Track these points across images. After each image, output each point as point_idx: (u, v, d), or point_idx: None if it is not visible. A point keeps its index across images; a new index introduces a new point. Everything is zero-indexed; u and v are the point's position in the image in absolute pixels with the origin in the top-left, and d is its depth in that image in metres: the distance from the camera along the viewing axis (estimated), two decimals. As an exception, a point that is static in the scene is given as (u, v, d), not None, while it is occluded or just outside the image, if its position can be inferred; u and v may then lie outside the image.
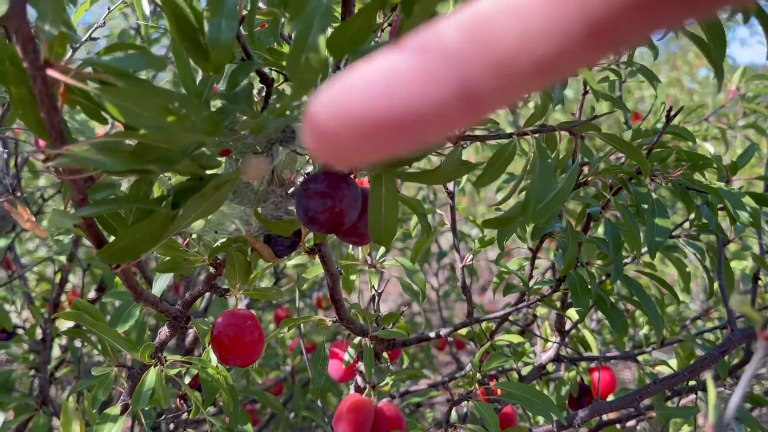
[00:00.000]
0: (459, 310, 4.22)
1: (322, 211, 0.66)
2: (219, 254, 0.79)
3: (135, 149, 0.57)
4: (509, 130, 0.68)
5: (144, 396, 0.87)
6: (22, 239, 2.06)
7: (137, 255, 0.66)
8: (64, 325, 1.75)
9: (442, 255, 2.12)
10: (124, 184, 0.73)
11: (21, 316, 1.96)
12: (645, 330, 1.30)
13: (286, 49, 0.88)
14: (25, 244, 2.19)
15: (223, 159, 0.74)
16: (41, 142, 1.56)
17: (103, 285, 1.72)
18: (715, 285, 1.11)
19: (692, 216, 0.91)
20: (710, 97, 3.63)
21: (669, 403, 1.24)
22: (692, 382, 1.14)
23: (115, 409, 0.93)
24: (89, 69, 0.53)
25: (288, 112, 0.59)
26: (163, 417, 1.28)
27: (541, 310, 1.38)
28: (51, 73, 0.52)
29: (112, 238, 0.68)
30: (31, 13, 0.53)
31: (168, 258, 0.76)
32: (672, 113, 0.84)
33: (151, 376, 0.89)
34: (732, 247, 1.82)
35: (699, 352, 1.20)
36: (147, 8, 1.09)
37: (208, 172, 0.66)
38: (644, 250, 0.98)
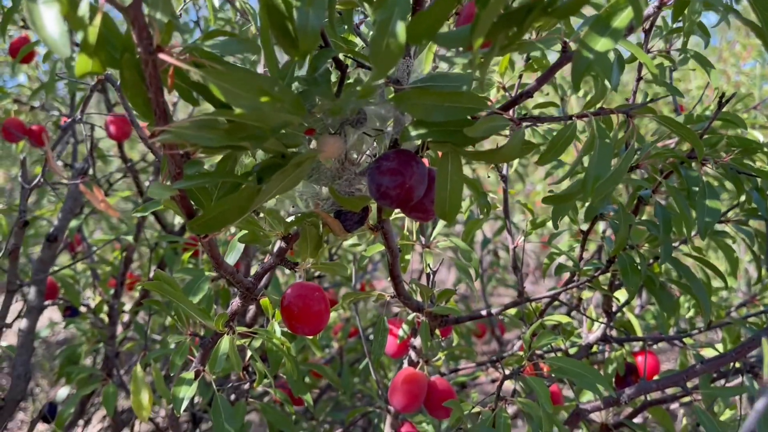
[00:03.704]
0: (497, 297, 4.25)
1: (393, 187, 0.71)
2: (292, 228, 0.85)
3: (229, 127, 0.63)
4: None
5: (219, 361, 0.94)
6: (88, 222, 2.17)
7: (224, 225, 0.72)
8: (129, 304, 1.84)
9: (486, 242, 2.15)
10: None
11: (84, 294, 2.07)
12: (691, 314, 1.33)
13: (350, 37, 0.93)
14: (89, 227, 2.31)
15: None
16: (111, 130, 1.66)
17: (163, 264, 1.80)
18: (764, 270, 1.13)
19: (743, 198, 0.94)
20: (756, 89, 3.57)
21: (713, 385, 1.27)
22: (738, 365, 1.16)
23: (189, 374, 1.01)
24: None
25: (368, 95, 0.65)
26: (222, 387, 1.35)
27: (586, 294, 1.42)
28: (162, 56, 0.58)
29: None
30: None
31: (246, 231, 0.83)
32: (724, 99, 0.87)
33: (224, 343, 0.96)
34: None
35: (744, 337, 1.22)
36: (216, 1, 1.16)
37: (290, 150, 0.73)
38: (694, 232, 1.01)
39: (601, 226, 1.30)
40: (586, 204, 0.98)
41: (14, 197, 4.55)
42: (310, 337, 1.00)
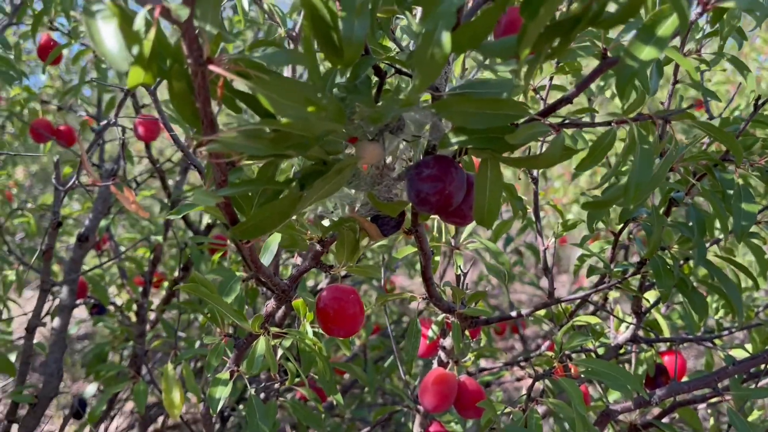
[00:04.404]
0: (521, 294, 4.25)
1: (433, 193, 0.72)
2: (329, 233, 0.86)
3: (275, 136, 0.64)
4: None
5: (257, 362, 0.95)
6: (115, 222, 2.20)
7: (267, 231, 0.74)
8: (155, 300, 1.86)
9: (509, 240, 2.16)
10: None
11: (110, 291, 2.10)
12: (720, 314, 1.32)
13: (385, 42, 0.94)
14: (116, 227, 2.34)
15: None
16: (140, 131, 1.68)
17: (189, 264, 1.83)
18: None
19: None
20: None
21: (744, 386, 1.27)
22: (769, 366, 1.16)
23: (225, 375, 1.02)
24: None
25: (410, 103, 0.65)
26: (254, 386, 1.37)
27: (612, 294, 1.42)
28: (212, 67, 0.59)
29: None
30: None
31: (287, 236, 0.84)
32: (760, 102, 0.87)
33: (261, 345, 0.98)
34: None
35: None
36: (246, 3, 1.17)
37: (331, 157, 0.74)
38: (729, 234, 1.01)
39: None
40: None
41: (33, 193, 4.60)
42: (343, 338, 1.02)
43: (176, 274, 1.86)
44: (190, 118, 0.66)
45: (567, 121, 0.72)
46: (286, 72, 1.37)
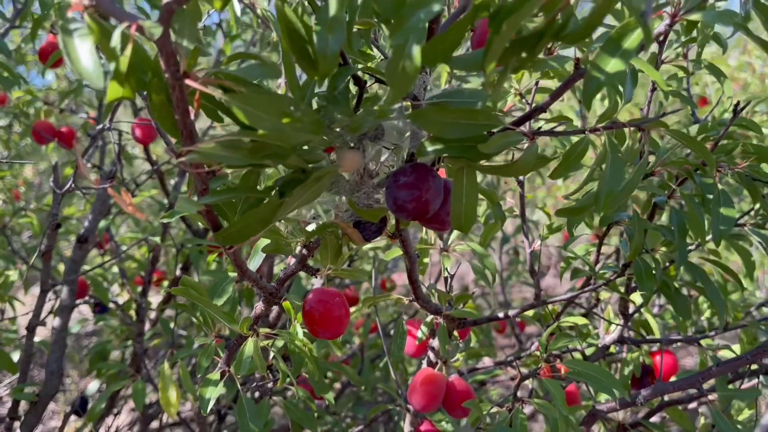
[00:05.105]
0: (518, 294, 4.26)
1: (409, 200, 0.73)
2: (313, 237, 0.88)
3: (253, 146, 0.66)
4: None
5: (244, 363, 0.98)
6: (116, 222, 2.24)
7: (249, 237, 0.76)
8: (155, 298, 1.89)
9: (506, 240, 2.17)
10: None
11: (111, 290, 2.13)
12: (707, 315, 1.33)
13: (368, 50, 0.96)
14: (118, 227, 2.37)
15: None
16: (137, 134, 1.70)
17: (188, 264, 1.85)
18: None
19: (758, 206, 0.95)
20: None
21: (731, 387, 1.28)
22: (754, 367, 1.17)
23: (215, 375, 1.05)
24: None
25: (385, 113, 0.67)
26: (246, 385, 1.39)
27: (603, 294, 1.43)
28: (188, 82, 0.61)
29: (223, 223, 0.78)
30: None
31: (270, 240, 0.86)
32: (739, 107, 0.88)
33: (249, 346, 1.00)
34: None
35: (762, 339, 1.23)
36: (238, 9, 1.19)
37: (310, 165, 0.75)
38: (708, 237, 1.02)
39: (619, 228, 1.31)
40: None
41: (42, 190, 4.65)
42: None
43: (176, 273, 1.89)
44: (171, 128, 0.67)
45: (541, 129, 0.74)
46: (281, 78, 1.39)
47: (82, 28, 0.57)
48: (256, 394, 1.49)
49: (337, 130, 0.78)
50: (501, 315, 1.14)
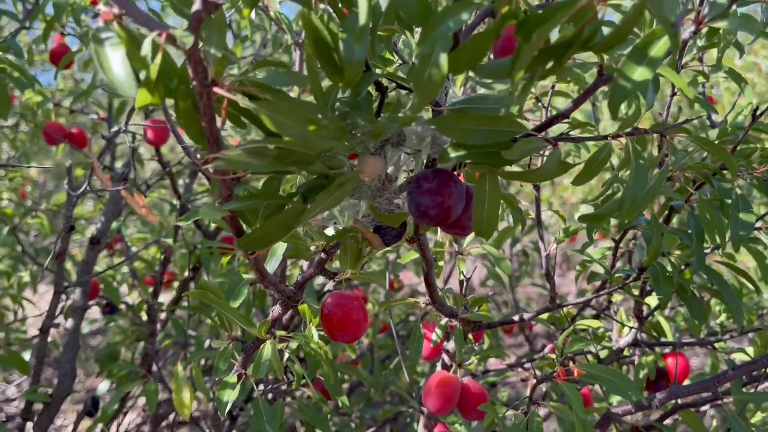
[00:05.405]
0: (523, 294, 4.26)
1: (432, 206, 0.74)
2: (333, 242, 0.88)
3: (278, 153, 0.66)
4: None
5: (263, 366, 0.98)
6: (126, 223, 2.24)
7: (271, 243, 0.76)
8: (165, 298, 1.90)
9: (515, 241, 2.18)
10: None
11: (121, 290, 2.14)
12: (722, 318, 1.33)
13: (387, 55, 0.96)
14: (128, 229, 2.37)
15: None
16: (149, 135, 1.70)
17: (198, 265, 1.86)
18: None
19: (775, 210, 0.95)
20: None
21: (745, 390, 1.28)
22: (770, 370, 1.17)
23: (232, 378, 1.05)
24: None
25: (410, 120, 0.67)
26: (261, 388, 1.40)
27: (615, 297, 1.43)
28: (216, 89, 0.62)
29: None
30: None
31: (292, 245, 0.86)
32: (759, 112, 0.88)
33: (267, 349, 1.00)
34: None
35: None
36: (253, 15, 1.19)
37: (333, 171, 0.76)
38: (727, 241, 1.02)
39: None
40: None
41: (46, 189, 4.66)
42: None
43: (186, 274, 1.90)
44: (196, 135, 0.68)
45: (563, 135, 0.74)
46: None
47: (113, 37, 0.58)
48: (270, 396, 1.50)
49: (359, 135, 0.78)
50: (516, 318, 1.14)
